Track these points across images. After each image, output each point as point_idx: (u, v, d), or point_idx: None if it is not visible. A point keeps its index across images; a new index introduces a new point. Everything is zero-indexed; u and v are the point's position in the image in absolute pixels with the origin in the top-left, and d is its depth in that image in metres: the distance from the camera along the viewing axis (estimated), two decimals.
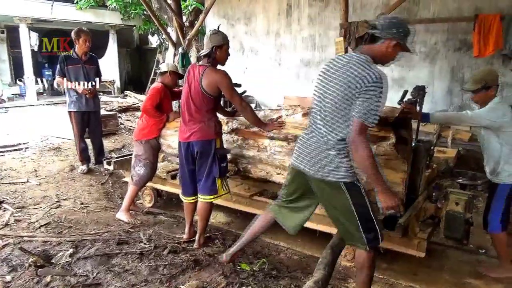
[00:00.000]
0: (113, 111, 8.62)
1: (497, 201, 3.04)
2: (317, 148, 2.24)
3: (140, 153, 3.93)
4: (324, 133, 2.20)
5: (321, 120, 2.22)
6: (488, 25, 5.10)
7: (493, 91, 2.94)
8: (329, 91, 2.19)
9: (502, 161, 2.97)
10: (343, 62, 2.19)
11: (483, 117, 2.90)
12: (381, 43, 2.17)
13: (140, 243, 3.24)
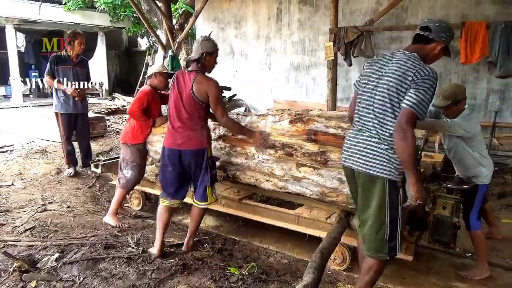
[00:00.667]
0: (101, 113, 8.53)
1: (477, 202, 3.24)
2: (369, 143, 2.25)
3: (127, 156, 3.89)
4: (376, 128, 2.23)
5: (372, 115, 2.24)
6: (475, 32, 5.20)
7: (462, 104, 3.11)
8: (380, 86, 2.22)
9: (476, 165, 3.18)
10: (393, 58, 2.24)
11: (460, 127, 3.05)
12: (432, 45, 2.24)
13: (127, 247, 3.20)
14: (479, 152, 3.16)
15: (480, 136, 3.18)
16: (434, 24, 2.22)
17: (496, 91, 6.07)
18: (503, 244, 3.77)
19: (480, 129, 3.18)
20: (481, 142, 3.21)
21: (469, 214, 3.23)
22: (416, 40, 2.29)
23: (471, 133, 3.07)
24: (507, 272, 3.35)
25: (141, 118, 3.81)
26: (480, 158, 3.17)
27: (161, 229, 3.15)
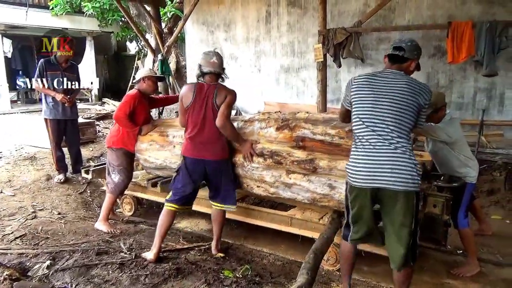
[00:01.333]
0: (91, 118, 8.46)
1: (465, 200, 3.29)
2: (396, 156, 2.24)
3: (113, 161, 3.86)
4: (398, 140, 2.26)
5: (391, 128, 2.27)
6: (461, 32, 5.27)
7: (443, 111, 3.22)
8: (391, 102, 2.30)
9: (461, 166, 3.26)
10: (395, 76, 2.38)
11: (442, 132, 3.15)
12: (408, 63, 2.45)
13: (120, 252, 3.18)
14: (464, 155, 3.26)
15: (463, 140, 3.29)
16: (407, 44, 2.42)
17: (483, 90, 6.16)
18: (493, 240, 3.83)
19: (461, 133, 3.29)
20: (465, 145, 3.30)
21: (457, 213, 3.28)
22: (393, 60, 2.44)
23: (453, 139, 3.17)
24: (497, 267, 3.40)
25: (127, 124, 3.77)
26: (465, 160, 3.26)
27: (162, 234, 3.15)
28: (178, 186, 3.21)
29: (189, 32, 9.08)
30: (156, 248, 3.07)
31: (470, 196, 3.36)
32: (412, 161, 2.24)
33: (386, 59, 2.51)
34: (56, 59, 5.02)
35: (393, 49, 2.44)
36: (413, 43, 2.46)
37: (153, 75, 3.93)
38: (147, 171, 4.20)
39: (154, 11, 8.09)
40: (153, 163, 3.94)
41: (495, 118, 6.10)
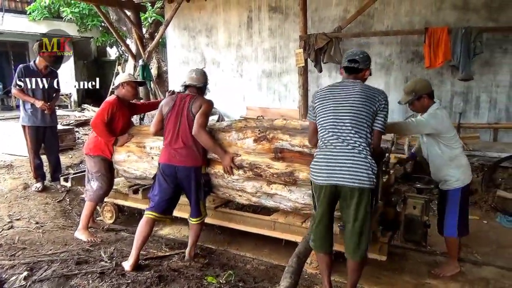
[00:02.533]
0: (70, 125, 8.29)
1: (451, 207, 3.15)
2: (353, 156, 2.45)
3: (91, 168, 3.79)
4: (355, 140, 2.47)
5: (351, 130, 2.48)
6: (437, 37, 5.41)
7: (425, 99, 3.10)
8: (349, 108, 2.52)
9: (445, 167, 3.12)
10: (351, 85, 2.60)
11: (426, 124, 3.02)
12: (362, 72, 2.68)
13: (100, 261, 3.11)
14: (450, 152, 3.09)
15: (451, 134, 3.09)
16: (359, 56, 2.65)
17: (460, 94, 6.33)
18: (471, 240, 3.91)
19: (450, 126, 3.11)
20: (452, 140, 3.10)
21: (443, 220, 3.21)
22: (349, 71, 2.67)
23: (438, 129, 3.03)
24: (475, 267, 3.48)
25: (103, 132, 3.69)
26: (450, 159, 3.10)
27: (140, 242, 3.09)
28: (155, 193, 3.22)
29: (170, 37, 9.04)
30: (133, 259, 3.00)
31: (460, 202, 3.13)
32: (368, 160, 2.44)
33: (342, 70, 2.73)
34: (36, 65, 4.91)
35: (348, 62, 2.66)
36: (365, 55, 2.69)
37: (133, 80, 3.87)
38: (127, 180, 4.15)
39: (134, 16, 8.04)
40: (133, 174, 3.89)
41: (471, 121, 6.28)
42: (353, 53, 2.69)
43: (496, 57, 6.01)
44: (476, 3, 6.04)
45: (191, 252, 3.33)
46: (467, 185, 3.17)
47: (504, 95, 6.08)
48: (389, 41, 6.72)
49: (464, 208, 3.19)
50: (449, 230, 3.19)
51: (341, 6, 7.00)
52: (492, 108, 6.20)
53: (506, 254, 3.74)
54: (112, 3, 7.99)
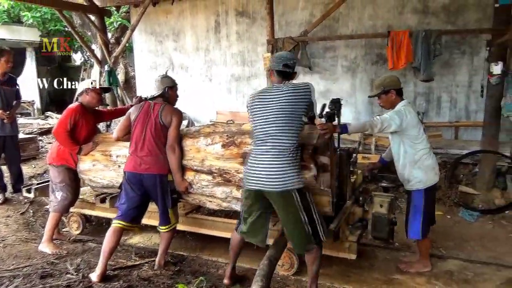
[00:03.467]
0: (32, 134, 7.99)
1: (414, 209, 3.19)
2: (275, 162, 2.58)
3: (55, 178, 3.68)
4: (278, 146, 2.59)
5: (273, 137, 2.61)
6: (399, 40, 5.59)
7: (393, 95, 3.17)
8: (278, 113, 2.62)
9: (408, 167, 3.15)
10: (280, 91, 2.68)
11: (389, 120, 3.03)
12: (292, 74, 2.82)
13: (66, 274, 3.01)
14: (415, 153, 3.09)
15: (415, 132, 3.09)
16: (291, 61, 2.78)
17: (422, 94, 6.57)
18: (437, 235, 4.05)
19: (415, 123, 3.08)
20: (418, 140, 3.10)
21: (409, 221, 3.22)
22: (282, 75, 2.77)
23: (402, 125, 3.02)
24: (440, 260, 3.61)
25: (66, 141, 3.57)
26: (414, 160, 3.10)
27: (108, 252, 3.02)
28: (122, 202, 3.18)
29: (137, 42, 8.89)
30: (100, 269, 2.94)
31: (424, 204, 3.14)
32: (291, 162, 2.58)
33: (273, 73, 2.82)
34: None
35: (283, 66, 2.75)
36: (294, 60, 2.86)
37: (96, 87, 3.76)
38: (94, 190, 4.04)
39: (99, 21, 7.83)
40: (100, 183, 3.79)
41: (433, 120, 6.53)
42: (286, 58, 2.79)
43: (455, 59, 6.29)
44: (435, 7, 6.29)
45: (161, 260, 3.27)
46: (431, 187, 3.17)
47: (463, 94, 6.36)
48: (354, 44, 6.89)
49: (428, 210, 3.18)
50: (412, 233, 3.21)
51: (307, 11, 7.11)
52: (453, 107, 6.47)
53: (469, 247, 3.90)
54: (75, 7, 7.76)
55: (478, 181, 5.13)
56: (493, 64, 4.75)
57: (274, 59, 2.83)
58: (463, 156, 5.34)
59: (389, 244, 3.62)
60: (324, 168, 2.96)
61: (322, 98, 7.14)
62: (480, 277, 3.31)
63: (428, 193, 3.17)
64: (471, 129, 6.31)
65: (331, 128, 2.89)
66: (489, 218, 4.58)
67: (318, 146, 2.92)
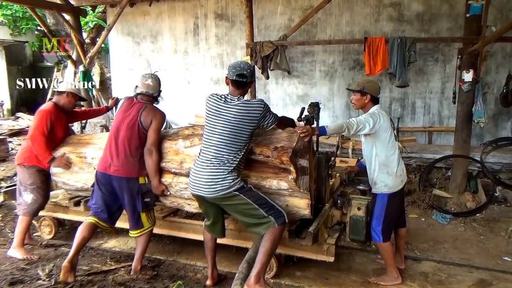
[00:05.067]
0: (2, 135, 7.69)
1: (377, 212, 3.17)
2: (216, 171, 2.69)
3: (24, 179, 3.54)
4: (220, 157, 2.70)
5: (216, 144, 2.72)
6: (376, 47, 5.71)
7: (367, 99, 3.17)
8: (223, 123, 2.73)
9: (377, 170, 3.16)
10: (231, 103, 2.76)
11: (363, 122, 3.02)
12: (248, 85, 2.87)
13: (38, 280, 2.91)
14: (385, 158, 3.12)
15: (386, 135, 3.10)
16: (247, 71, 2.81)
17: (397, 99, 6.73)
18: (411, 237, 4.14)
19: (386, 126, 3.11)
20: (389, 144, 3.12)
21: (372, 224, 3.19)
22: (237, 85, 2.82)
23: (375, 127, 3.03)
24: (415, 262, 3.69)
25: (42, 147, 3.42)
26: (383, 164, 3.12)
27: (78, 243, 2.96)
28: (93, 202, 3.14)
29: (113, 43, 8.73)
30: (69, 256, 2.89)
31: (385, 208, 3.14)
32: (230, 170, 2.68)
33: (228, 82, 2.85)
34: None
35: (237, 76, 2.78)
36: (251, 69, 2.87)
37: (78, 94, 3.70)
38: (68, 192, 3.92)
39: (74, 20, 7.64)
40: (73, 185, 3.69)
41: (408, 125, 6.70)
42: (241, 67, 2.80)
43: (428, 66, 6.48)
44: (409, 16, 6.47)
45: (137, 265, 3.20)
46: (396, 192, 3.17)
47: (436, 100, 6.55)
48: (332, 49, 6.99)
49: (390, 215, 3.18)
50: (373, 234, 3.18)
51: (286, 15, 7.17)
52: (426, 113, 6.65)
53: (442, 249, 4.01)
54: (49, 6, 7.56)
55: (451, 184, 5.28)
56: (464, 71, 4.92)
57: (230, 68, 2.83)
58: (436, 160, 5.49)
59: (367, 246, 3.66)
60: (303, 171, 2.98)
61: (300, 102, 7.23)
62: (453, 278, 3.40)
63: (391, 198, 3.16)
64: (444, 134, 6.51)
65: (310, 131, 2.91)
66: (461, 221, 4.72)
67: (297, 149, 2.93)
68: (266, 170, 2.98)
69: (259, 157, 2.97)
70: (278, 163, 2.89)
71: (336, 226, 3.45)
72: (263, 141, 3.02)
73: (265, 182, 2.95)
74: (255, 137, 3.01)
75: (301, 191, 2.90)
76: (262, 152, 2.96)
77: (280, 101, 7.48)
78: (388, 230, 3.20)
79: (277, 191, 2.95)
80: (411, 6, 6.44)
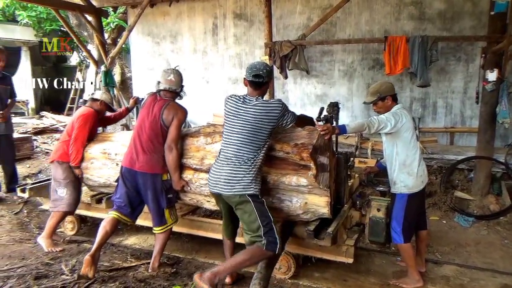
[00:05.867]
0: (27, 133, 7.92)
1: (397, 212, 3.13)
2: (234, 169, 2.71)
3: (58, 175, 3.69)
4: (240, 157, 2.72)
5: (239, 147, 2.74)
6: (396, 46, 5.62)
7: (389, 101, 3.15)
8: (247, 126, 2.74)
9: (397, 170, 3.12)
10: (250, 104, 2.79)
11: (386, 121, 2.99)
12: (266, 86, 2.90)
13: (61, 275, 2.98)
14: (406, 157, 3.08)
15: (409, 134, 3.06)
16: (263, 71, 2.82)
17: (418, 99, 6.61)
18: (432, 240, 4.07)
19: (409, 125, 3.07)
20: (410, 144, 3.08)
21: (391, 225, 3.15)
22: (255, 85, 2.84)
23: (397, 126, 3.00)
24: (436, 265, 3.62)
25: (79, 150, 3.68)
26: (403, 163, 3.09)
27: (101, 238, 3.05)
28: (117, 196, 3.20)
29: (134, 43, 8.87)
30: (92, 251, 2.97)
31: (405, 209, 3.10)
32: (248, 171, 2.69)
33: (247, 82, 2.88)
34: None
35: (253, 77, 2.80)
36: (268, 69, 2.87)
37: (109, 104, 3.95)
38: (91, 189, 4.01)
39: (95, 21, 7.80)
40: (96, 181, 3.79)
41: (429, 125, 6.57)
42: (257, 68, 2.81)
43: (450, 65, 6.34)
44: (431, 14, 6.35)
45: (155, 262, 3.25)
46: (415, 193, 3.12)
47: (459, 100, 6.40)
48: (351, 49, 6.92)
49: (410, 215, 3.13)
50: (393, 235, 3.14)
51: (305, 15, 7.14)
52: (448, 113, 6.51)
53: (464, 252, 3.92)
54: (72, 7, 7.73)
55: (473, 186, 5.16)
56: (488, 71, 4.80)
57: (247, 69, 2.86)
58: (458, 161, 5.37)
59: (386, 248, 3.62)
60: (323, 168, 2.97)
61: (319, 102, 7.18)
62: (476, 283, 3.32)
63: (411, 199, 3.12)
64: (466, 135, 6.36)
65: (331, 129, 2.90)
66: (484, 224, 4.61)
67: (317, 147, 2.93)
68: (286, 167, 2.99)
69: (279, 153, 2.98)
70: (298, 159, 2.90)
71: (355, 227, 3.42)
72: (283, 138, 3.04)
73: (284, 178, 2.95)
74: (275, 135, 3.02)
75: (321, 188, 2.88)
76: (282, 149, 2.98)
77: (299, 101, 7.45)
78: (408, 231, 3.15)
79: (296, 188, 2.95)
80: (432, 4, 6.31)
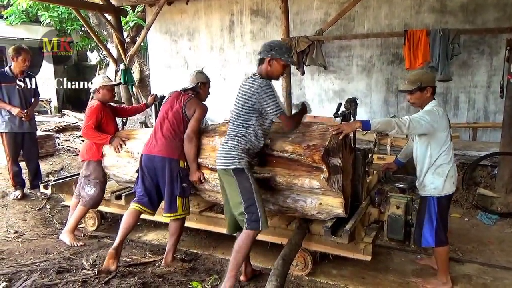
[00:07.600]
0: (50, 131, 8.12)
1: (428, 216, 3.01)
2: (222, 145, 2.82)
3: (88, 174, 3.79)
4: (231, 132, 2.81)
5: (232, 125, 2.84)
6: (417, 40, 5.50)
7: (428, 92, 2.92)
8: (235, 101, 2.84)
9: (428, 171, 2.98)
10: (245, 81, 2.83)
11: (420, 122, 2.80)
12: (265, 63, 2.79)
13: (83, 270, 3.04)
14: (438, 158, 2.93)
15: (444, 134, 2.90)
16: (263, 47, 2.79)
17: (439, 94, 6.45)
18: (454, 238, 3.97)
19: (445, 125, 2.91)
20: (444, 146, 2.92)
21: (421, 228, 3.04)
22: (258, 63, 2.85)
23: (434, 126, 2.82)
24: (458, 264, 3.54)
25: (95, 136, 3.72)
26: (435, 165, 2.95)
27: (124, 230, 3.15)
28: (138, 186, 3.31)
29: (152, 42, 8.96)
30: (116, 244, 3.07)
31: (437, 212, 2.97)
32: (234, 145, 2.73)
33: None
34: (11, 70, 4.80)
35: (258, 55, 2.82)
36: (266, 44, 2.79)
37: (107, 84, 3.81)
38: (119, 184, 4.14)
39: (115, 20, 7.94)
40: (122, 178, 3.89)
41: (451, 120, 6.36)
42: (262, 46, 2.82)
43: (473, 58, 6.17)
44: (453, 6, 6.18)
45: (168, 257, 3.28)
46: (446, 196, 3.00)
47: (482, 95, 6.23)
48: (369, 43, 6.82)
49: (442, 218, 3.01)
50: (424, 240, 3.04)
51: (322, 10, 7.07)
52: (471, 108, 6.34)
53: (487, 251, 3.82)
54: (92, 7, 7.88)
55: (497, 183, 5.01)
56: None
57: None
58: (481, 158, 5.22)
59: (405, 246, 3.56)
60: (336, 170, 2.92)
61: (336, 98, 7.11)
62: (499, 282, 3.23)
63: (441, 202, 3.00)
64: (490, 130, 6.18)
65: (344, 128, 2.84)
66: (508, 222, 4.47)
67: (330, 148, 2.87)
68: (299, 168, 2.96)
69: (291, 155, 2.96)
70: (310, 161, 2.86)
71: (373, 224, 3.37)
72: (295, 138, 3.00)
73: (297, 180, 2.93)
74: (288, 135, 3.00)
75: (333, 191, 2.85)
76: (295, 151, 2.94)
77: (316, 97, 7.40)
78: (442, 233, 3.01)
79: (310, 189, 2.92)
80: None
